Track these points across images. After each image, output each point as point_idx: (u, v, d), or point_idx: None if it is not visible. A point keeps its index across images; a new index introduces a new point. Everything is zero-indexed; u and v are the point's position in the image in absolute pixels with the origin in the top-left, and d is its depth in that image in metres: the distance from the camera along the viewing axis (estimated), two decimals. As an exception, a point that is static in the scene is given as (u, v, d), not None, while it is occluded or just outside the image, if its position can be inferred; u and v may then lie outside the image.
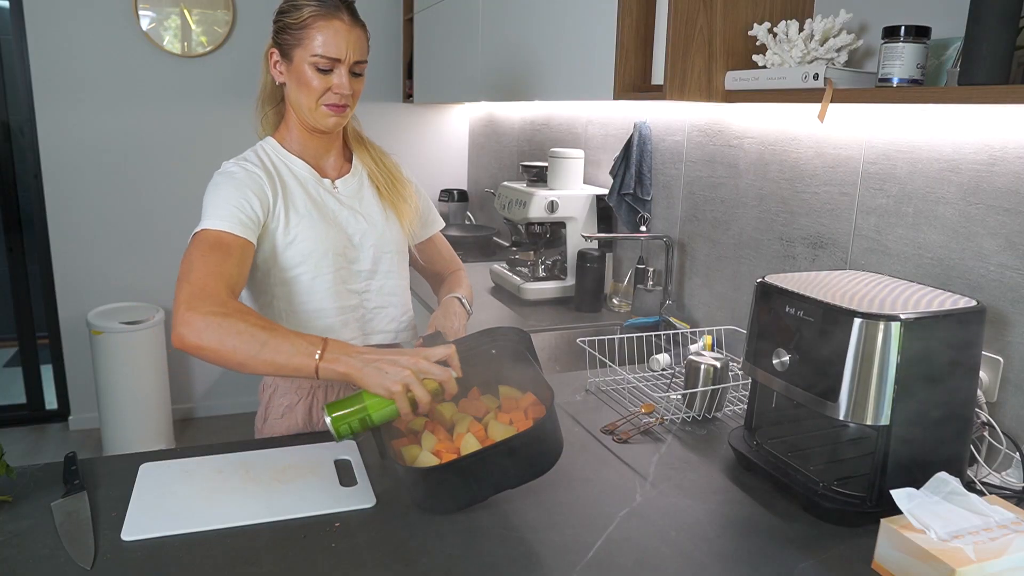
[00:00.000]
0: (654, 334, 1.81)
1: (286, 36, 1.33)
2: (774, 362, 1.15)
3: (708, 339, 1.67)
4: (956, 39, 1.28)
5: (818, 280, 1.21)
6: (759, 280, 1.23)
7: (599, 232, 2.31)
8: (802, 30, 1.47)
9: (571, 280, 2.30)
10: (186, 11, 3.27)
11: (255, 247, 1.28)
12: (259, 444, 1.28)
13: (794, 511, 1.12)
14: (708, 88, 1.60)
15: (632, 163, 2.10)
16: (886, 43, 1.24)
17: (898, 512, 0.98)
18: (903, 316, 1.03)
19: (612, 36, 1.72)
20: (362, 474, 1.17)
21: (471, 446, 1.10)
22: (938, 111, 1.33)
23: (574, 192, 2.29)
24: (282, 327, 1.14)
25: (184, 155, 3.39)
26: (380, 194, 1.46)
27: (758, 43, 1.57)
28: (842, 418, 1.06)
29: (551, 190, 2.29)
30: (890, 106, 1.41)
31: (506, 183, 2.47)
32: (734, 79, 1.58)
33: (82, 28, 3.16)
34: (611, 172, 2.19)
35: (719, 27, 1.58)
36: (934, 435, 1.09)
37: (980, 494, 1.05)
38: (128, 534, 1.00)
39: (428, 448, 1.14)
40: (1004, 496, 1.14)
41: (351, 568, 0.95)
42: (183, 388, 3.63)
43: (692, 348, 1.62)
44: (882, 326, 1.02)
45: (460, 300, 1.47)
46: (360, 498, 1.11)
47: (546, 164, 2.40)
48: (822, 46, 1.43)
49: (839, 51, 1.43)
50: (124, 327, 3.11)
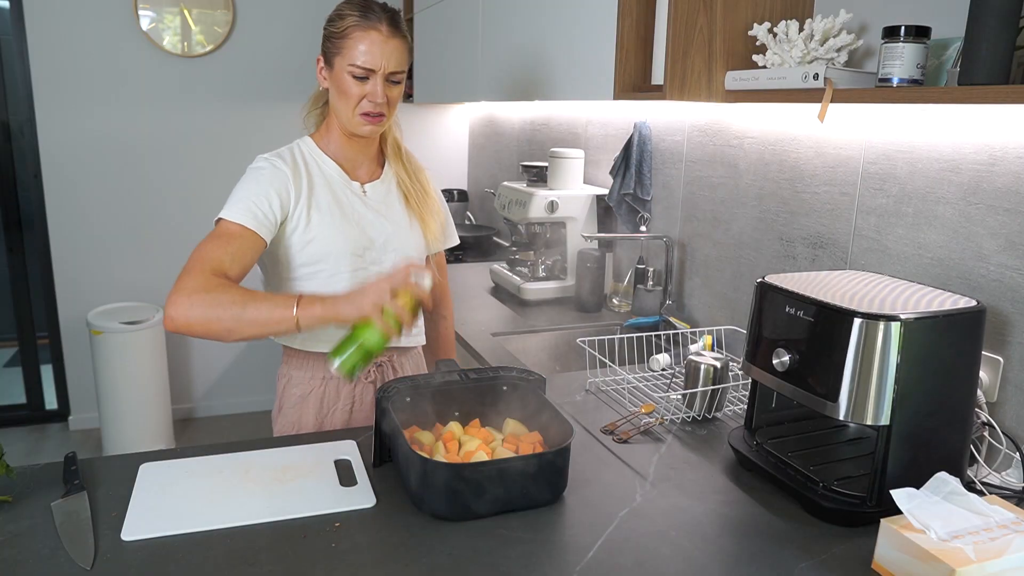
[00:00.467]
0: (654, 334, 1.81)
1: (329, 44, 1.38)
2: (774, 362, 1.15)
3: (708, 339, 1.67)
4: (956, 39, 1.28)
5: (818, 280, 1.21)
6: (759, 280, 1.23)
7: (599, 232, 2.31)
8: (802, 30, 1.47)
9: (571, 280, 2.30)
10: (186, 11, 3.27)
11: (266, 242, 1.32)
12: (259, 444, 1.28)
13: (794, 511, 1.12)
14: (708, 88, 1.60)
15: (632, 163, 2.10)
16: (886, 43, 1.24)
17: (898, 512, 0.98)
18: (903, 316, 1.03)
19: (612, 36, 1.72)
20: (362, 474, 1.17)
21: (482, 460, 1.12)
22: (938, 111, 1.33)
23: (574, 192, 2.29)
24: (262, 293, 1.20)
25: (184, 155, 3.39)
26: (407, 203, 1.50)
27: (758, 43, 1.57)
28: (842, 418, 1.06)
29: (551, 190, 2.29)
30: (890, 106, 1.41)
31: (506, 183, 2.47)
32: (734, 79, 1.58)
33: (82, 28, 3.16)
34: (611, 172, 2.19)
35: (719, 27, 1.58)
36: (934, 435, 1.09)
37: (980, 494, 1.05)
38: (128, 534, 1.00)
39: (439, 457, 1.15)
40: (1004, 496, 1.14)
41: (351, 568, 0.95)
42: (183, 388, 3.63)
43: (692, 348, 1.62)
44: (882, 326, 1.02)
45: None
46: (360, 498, 1.11)
47: (546, 164, 2.40)
48: (822, 46, 1.43)
49: (839, 51, 1.43)
50: (124, 327, 3.11)
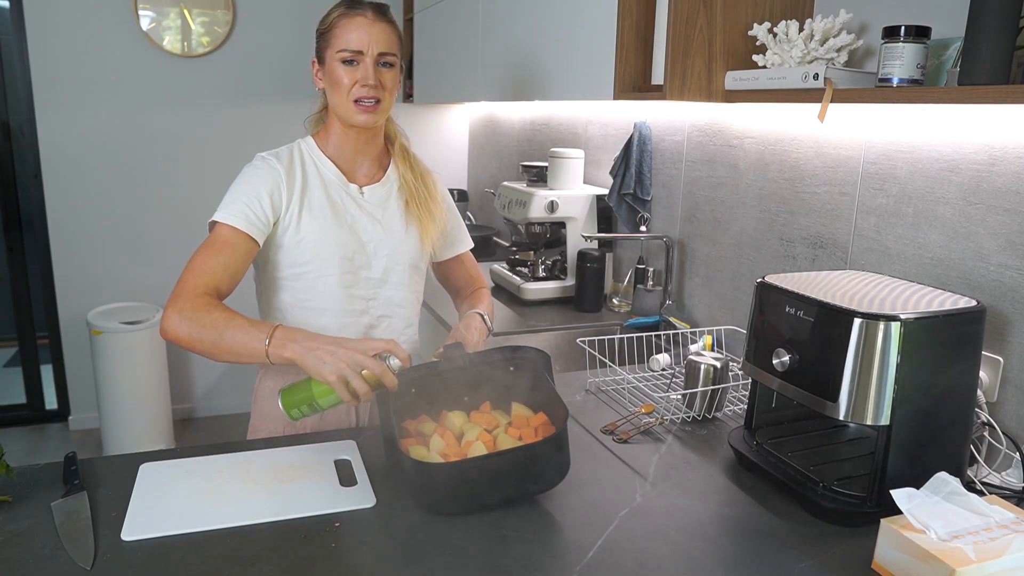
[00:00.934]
0: (654, 334, 1.81)
1: (320, 42, 1.39)
2: (774, 362, 1.15)
3: (708, 339, 1.67)
4: (956, 39, 1.28)
5: (818, 280, 1.21)
6: (759, 280, 1.23)
7: (599, 232, 2.31)
8: (802, 30, 1.47)
9: (571, 280, 2.30)
10: (186, 11, 3.27)
11: (259, 244, 1.34)
12: (259, 444, 1.28)
13: (794, 511, 1.12)
14: (708, 88, 1.60)
15: (632, 163, 2.10)
16: (886, 43, 1.24)
17: (898, 512, 0.98)
18: (903, 316, 1.03)
19: (612, 36, 1.72)
20: (362, 474, 1.17)
21: (479, 453, 1.11)
22: (938, 111, 1.33)
23: (574, 192, 2.29)
24: (242, 318, 1.20)
25: (184, 155, 3.39)
26: (407, 207, 1.48)
27: (758, 43, 1.57)
28: (842, 418, 1.06)
29: (551, 190, 2.29)
30: (890, 106, 1.41)
31: (506, 183, 2.47)
32: (734, 79, 1.58)
33: (82, 28, 3.16)
34: (611, 172, 2.19)
35: (719, 27, 1.58)
36: (934, 435, 1.09)
37: (980, 494, 1.05)
38: (128, 534, 1.00)
39: (436, 450, 1.15)
40: (1004, 496, 1.14)
41: (351, 568, 0.95)
42: (183, 388, 3.63)
43: (692, 348, 1.62)
44: (882, 326, 1.02)
45: (481, 316, 1.48)
46: (360, 498, 1.11)
47: (546, 164, 2.40)
48: (822, 46, 1.43)
49: (839, 51, 1.43)
50: (124, 327, 3.11)
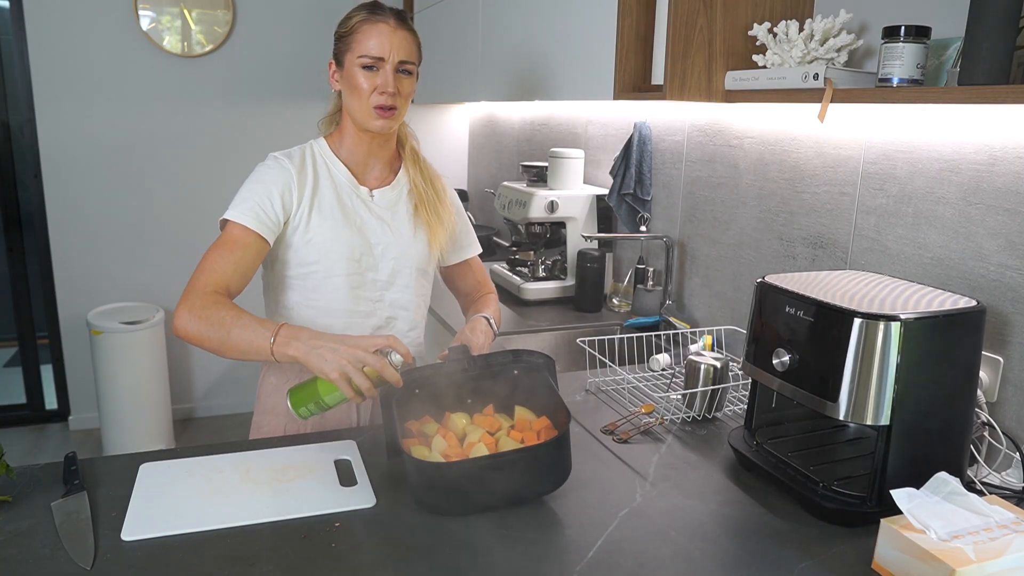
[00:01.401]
0: (654, 334, 1.81)
1: (339, 45, 1.40)
2: (774, 362, 1.15)
3: (708, 339, 1.67)
4: (956, 39, 1.28)
5: (818, 280, 1.21)
6: (759, 280, 1.23)
7: (599, 232, 2.31)
8: (802, 30, 1.47)
9: (571, 280, 2.30)
10: (186, 11, 3.27)
11: (269, 243, 1.35)
12: (259, 444, 1.28)
13: (794, 511, 1.12)
14: (708, 88, 1.60)
15: (632, 163, 2.10)
16: (886, 43, 1.24)
17: (898, 512, 0.98)
18: (903, 316, 1.03)
19: (612, 36, 1.72)
20: (362, 474, 1.18)
21: (481, 454, 1.12)
22: (938, 111, 1.33)
23: (574, 192, 2.29)
24: (249, 317, 1.21)
25: (184, 155, 3.39)
26: (416, 211, 1.49)
27: (758, 43, 1.57)
28: (842, 418, 1.06)
29: (551, 190, 2.29)
30: (890, 106, 1.41)
31: (506, 183, 2.47)
32: (734, 79, 1.58)
33: (82, 28, 3.16)
34: (611, 172, 2.19)
35: (719, 27, 1.58)
36: (934, 435, 1.09)
37: (980, 494, 1.05)
38: (128, 534, 1.00)
39: (438, 450, 1.15)
40: (1004, 496, 1.14)
41: (351, 568, 0.95)
42: (183, 388, 3.63)
43: (692, 348, 1.62)
44: (882, 326, 1.02)
45: (487, 320, 1.49)
46: (360, 498, 1.11)
47: (546, 164, 2.40)
48: (822, 46, 1.43)
49: (839, 51, 1.43)
50: (124, 327, 3.11)
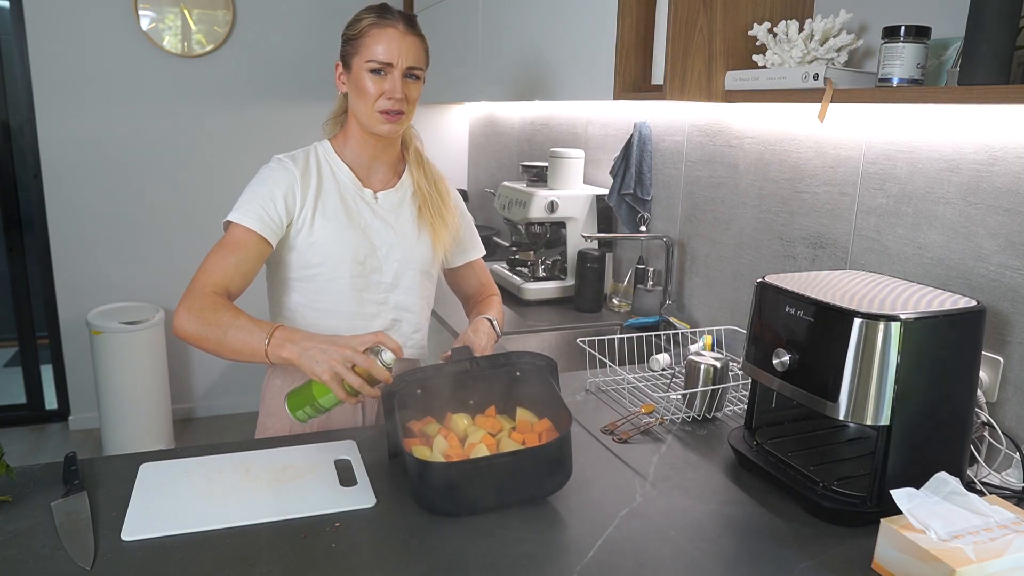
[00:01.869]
0: (654, 334, 1.81)
1: (347, 47, 1.39)
2: (774, 362, 1.15)
3: (708, 339, 1.67)
4: (956, 39, 1.28)
5: (818, 280, 1.21)
6: (759, 280, 1.23)
7: (599, 232, 2.31)
8: (802, 30, 1.47)
9: (571, 280, 2.30)
10: (186, 11, 3.27)
11: (272, 245, 1.36)
12: (259, 444, 1.28)
13: (794, 511, 1.12)
14: (708, 88, 1.60)
15: (632, 163, 2.10)
16: (886, 43, 1.24)
17: (898, 512, 0.98)
18: (903, 316, 1.03)
19: (612, 36, 1.72)
20: (362, 474, 1.18)
21: (482, 455, 1.12)
22: (938, 111, 1.33)
23: (574, 192, 2.29)
24: (246, 319, 1.21)
25: (184, 155, 3.39)
26: (420, 213, 1.49)
27: (758, 43, 1.57)
28: (842, 418, 1.06)
29: (551, 190, 2.29)
30: (890, 106, 1.41)
31: (506, 183, 2.47)
32: (734, 79, 1.58)
33: (82, 28, 3.16)
34: (611, 172, 2.19)
35: (719, 27, 1.58)
36: (934, 435, 1.09)
37: (980, 494, 1.05)
38: (128, 534, 1.00)
39: (439, 451, 1.15)
40: (1004, 496, 1.14)
41: (351, 568, 0.95)
42: (183, 388, 3.63)
43: (692, 348, 1.62)
44: (882, 326, 1.02)
45: (490, 321, 1.49)
46: (360, 498, 1.11)
47: (546, 164, 2.40)
48: (822, 46, 1.43)
49: (839, 51, 1.43)
50: (124, 327, 3.11)
